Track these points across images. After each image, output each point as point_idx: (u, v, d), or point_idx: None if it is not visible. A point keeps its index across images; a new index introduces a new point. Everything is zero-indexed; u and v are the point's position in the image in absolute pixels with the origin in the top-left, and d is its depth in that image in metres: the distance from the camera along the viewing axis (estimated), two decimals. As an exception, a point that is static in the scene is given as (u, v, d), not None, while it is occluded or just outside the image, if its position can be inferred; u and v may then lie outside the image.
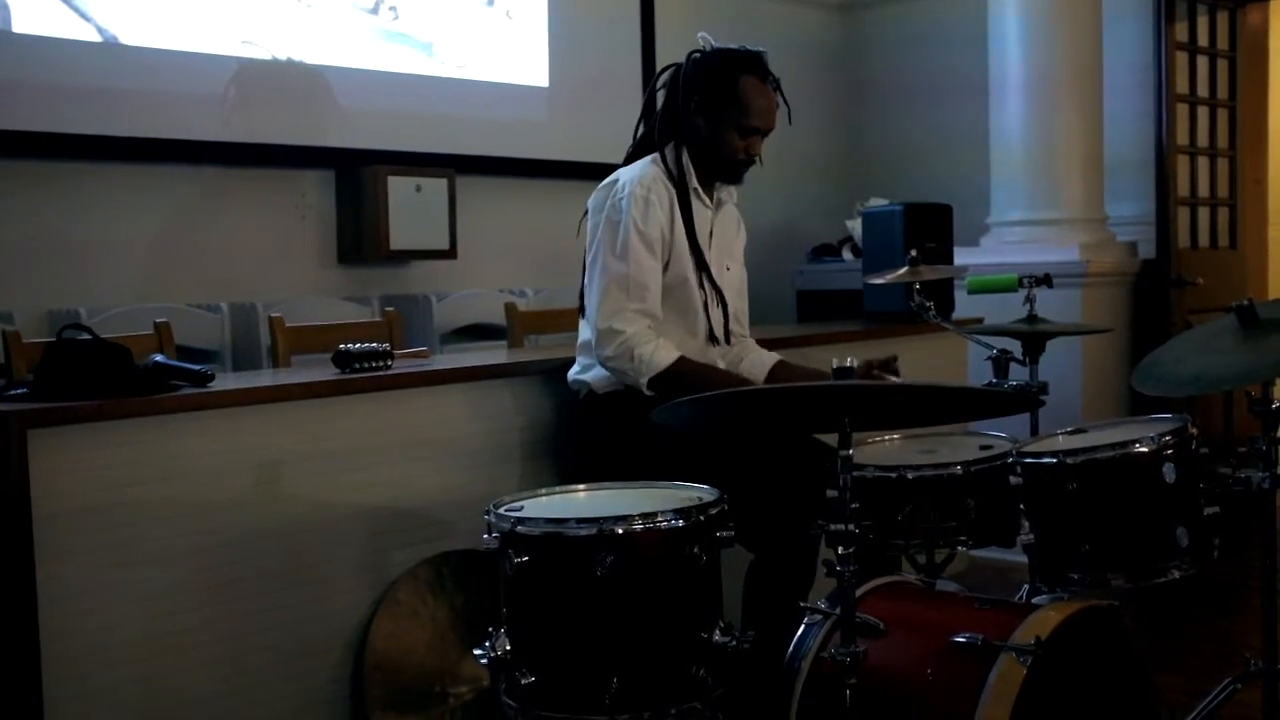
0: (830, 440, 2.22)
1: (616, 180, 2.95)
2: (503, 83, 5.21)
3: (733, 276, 3.10)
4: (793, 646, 2.37)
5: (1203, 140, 5.75)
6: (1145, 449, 2.55)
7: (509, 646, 2.15)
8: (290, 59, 4.58)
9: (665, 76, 3.06)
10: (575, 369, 3.03)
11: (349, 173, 4.70)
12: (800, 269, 5.87)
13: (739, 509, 2.28)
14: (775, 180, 4.02)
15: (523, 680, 2.13)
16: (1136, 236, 5.48)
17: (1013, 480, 2.61)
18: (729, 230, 3.12)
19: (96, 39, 4.13)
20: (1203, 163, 5.76)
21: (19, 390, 2.50)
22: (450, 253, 4.84)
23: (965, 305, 4.29)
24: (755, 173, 3.06)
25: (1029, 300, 3.25)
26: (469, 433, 3.03)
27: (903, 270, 3.28)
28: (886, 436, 3.09)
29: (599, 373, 2.94)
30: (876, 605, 2.38)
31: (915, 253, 3.31)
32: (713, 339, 3.01)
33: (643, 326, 2.84)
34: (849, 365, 2.07)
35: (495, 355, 3.83)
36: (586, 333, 2.94)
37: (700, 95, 2.94)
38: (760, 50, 2.97)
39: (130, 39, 4.19)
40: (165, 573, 2.50)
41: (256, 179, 4.54)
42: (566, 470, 3.08)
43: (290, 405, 2.74)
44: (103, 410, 2.42)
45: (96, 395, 2.45)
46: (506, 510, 2.22)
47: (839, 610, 2.16)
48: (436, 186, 4.79)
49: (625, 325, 2.83)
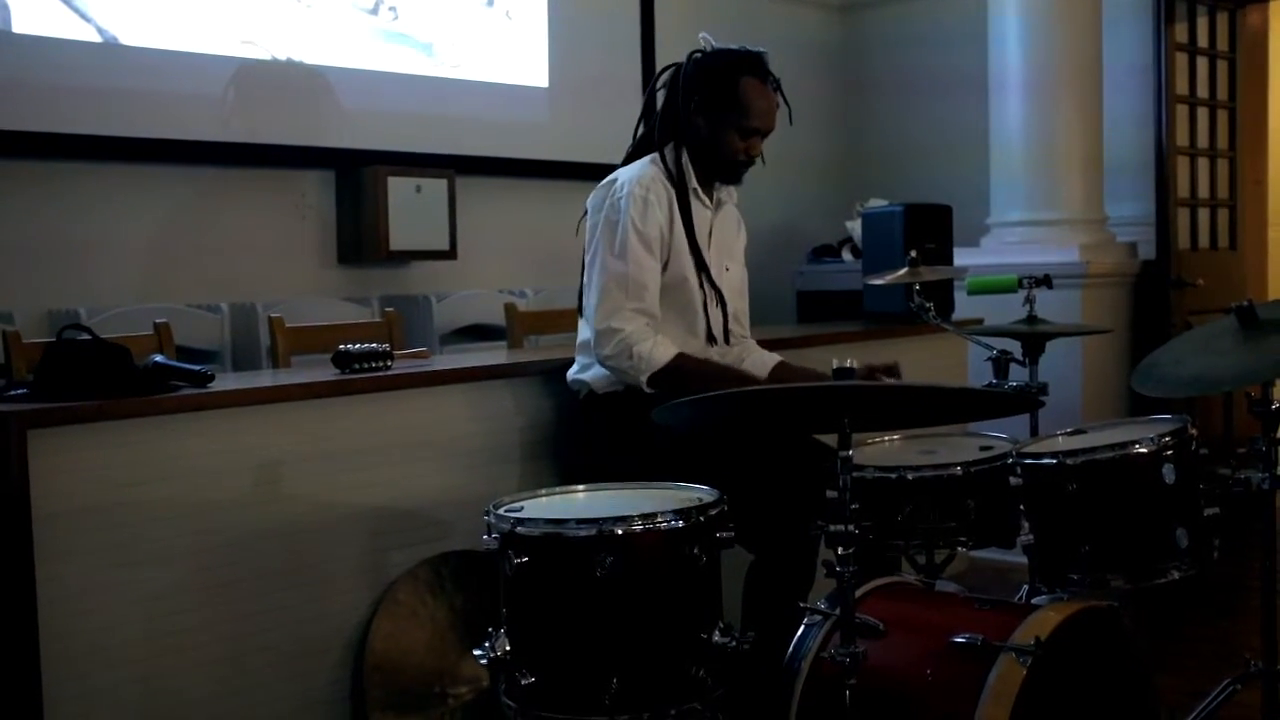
0: (830, 441, 2.22)
1: (615, 180, 2.95)
2: (502, 83, 5.21)
3: (732, 277, 3.10)
4: (792, 647, 2.36)
5: (1203, 141, 5.75)
6: (1145, 450, 2.55)
7: (508, 647, 2.15)
8: (290, 59, 4.58)
9: (665, 76, 3.05)
10: (575, 369, 3.03)
11: (349, 173, 4.71)
12: (800, 269, 5.86)
13: (739, 509, 2.28)
14: (775, 181, 4.01)
15: (522, 681, 2.13)
16: (1136, 237, 5.48)
17: (1012, 481, 2.62)
18: (729, 231, 3.12)
19: (96, 39, 4.13)
20: (1202, 164, 5.76)
21: (19, 390, 2.50)
22: (450, 253, 4.85)
23: (965, 306, 4.29)
24: (755, 173, 3.06)
25: (1029, 301, 3.25)
26: (469, 433, 3.03)
27: (902, 271, 3.28)
28: (886, 437, 3.09)
29: (598, 373, 2.94)
30: (876, 606, 2.38)
31: (915, 253, 3.31)
32: (711, 339, 3.01)
33: (641, 325, 2.84)
34: (848, 366, 2.07)
35: (495, 356, 3.83)
36: (586, 332, 2.94)
37: (700, 96, 2.94)
38: (761, 51, 2.97)
39: (130, 39, 4.19)
40: (165, 573, 2.50)
41: (256, 179, 4.54)
42: (566, 471, 3.08)
43: (290, 406, 2.74)
44: (102, 410, 2.42)
45: (96, 395, 2.44)
46: (506, 511, 2.23)
47: (839, 611, 2.16)
48: (436, 187, 4.79)
49: (624, 324, 2.83)
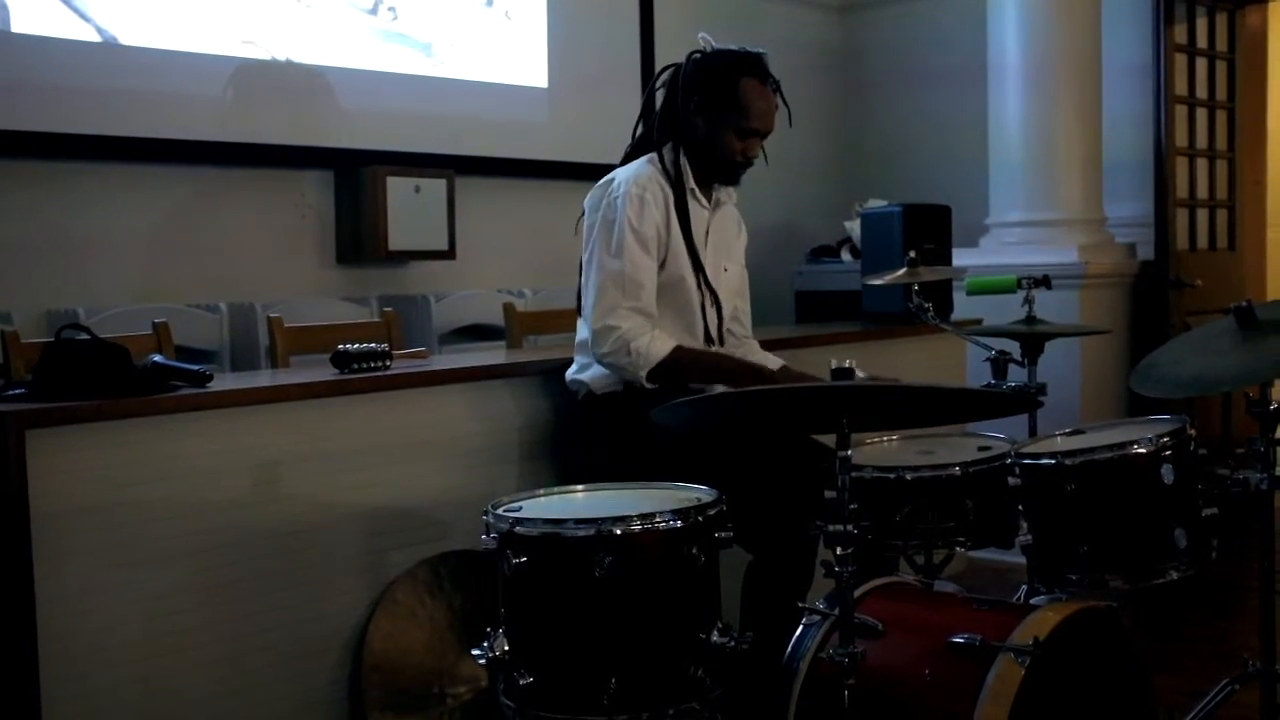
0: (829, 441, 2.22)
1: (613, 180, 2.95)
2: (502, 83, 5.21)
3: (730, 277, 3.09)
4: (791, 647, 2.37)
5: (1201, 142, 5.75)
6: (1143, 450, 2.56)
7: (507, 647, 2.15)
8: (289, 59, 4.58)
9: (665, 76, 3.05)
10: (573, 369, 3.03)
11: (348, 173, 4.70)
12: (799, 270, 5.86)
13: (737, 510, 2.27)
14: (774, 181, 4.01)
15: (521, 681, 2.13)
16: (1135, 238, 5.48)
17: (1011, 481, 2.62)
18: (728, 231, 3.11)
19: (96, 39, 4.13)
20: (1201, 164, 5.76)
21: (17, 390, 2.50)
22: (449, 253, 4.84)
23: (964, 306, 4.30)
24: (754, 173, 3.05)
25: (1027, 301, 3.25)
26: (467, 433, 3.03)
27: (901, 271, 3.28)
28: (885, 437, 3.09)
29: (597, 372, 2.94)
30: (875, 606, 2.38)
31: (914, 254, 3.31)
32: (710, 339, 3.01)
33: (639, 321, 2.84)
34: (847, 366, 2.07)
35: (494, 356, 3.83)
36: (584, 332, 2.94)
37: (700, 96, 2.94)
38: (760, 52, 2.97)
39: (129, 39, 4.19)
40: (164, 573, 2.50)
41: (255, 179, 4.54)
42: (565, 471, 3.08)
43: (289, 406, 2.74)
44: (101, 410, 2.42)
45: (95, 395, 2.44)
46: (505, 511, 2.23)
47: (837, 611, 2.16)
48: (435, 187, 4.79)
49: (620, 321, 2.83)
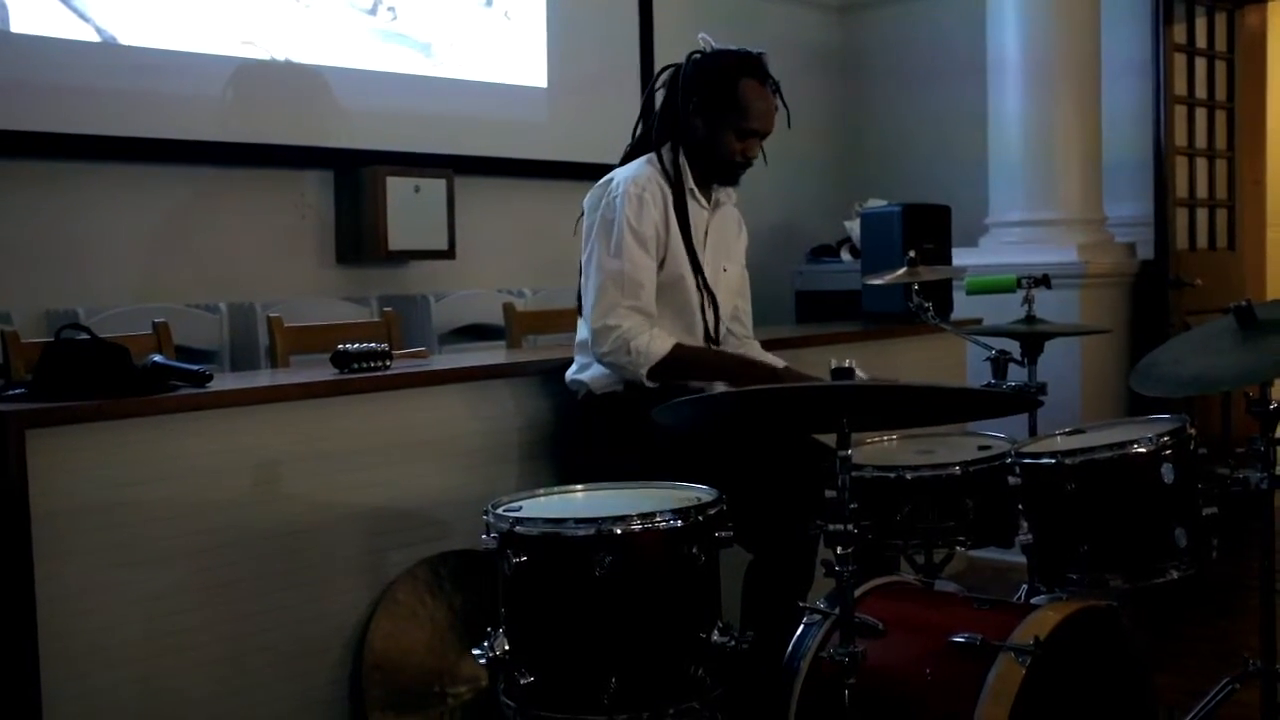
0: (829, 440, 2.22)
1: (611, 180, 2.95)
2: (501, 83, 5.21)
3: (730, 277, 3.09)
4: (791, 646, 2.37)
5: (1201, 141, 5.75)
6: (1143, 449, 2.56)
7: (507, 646, 2.15)
8: (289, 59, 4.58)
9: (665, 77, 3.05)
10: (573, 369, 3.03)
11: (348, 173, 4.70)
12: (799, 269, 5.87)
13: (738, 509, 2.27)
14: (774, 181, 4.02)
15: (521, 680, 2.13)
16: (1135, 237, 5.48)
17: (1011, 481, 2.62)
18: (728, 231, 3.11)
19: (95, 39, 4.12)
20: (1201, 164, 5.76)
21: (17, 390, 2.50)
22: (449, 253, 4.84)
23: (964, 306, 4.30)
24: (754, 173, 3.05)
25: (1027, 301, 3.25)
26: (467, 433, 3.03)
27: (901, 271, 3.28)
28: (885, 437, 3.09)
29: (597, 372, 2.94)
30: (875, 605, 2.38)
31: (914, 253, 3.31)
32: (709, 339, 3.01)
33: (638, 320, 2.84)
34: (847, 366, 2.07)
35: (494, 355, 3.82)
36: (584, 331, 2.94)
37: (699, 96, 2.94)
38: (760, 52, 2.96)
39: (129, 39, 4.19)
40: (164, 573, 2.50)
41: (255, 179, 4.54)
42: (565, 470, 3.08)
43: (289, 405, 2.74)
44: (101, 410, 2.42)
45: (95, 395, 2.44)
46: (505, 510, 2.23)
47: (838, 610, 2.16)
48: (435, 187, 4.79)
49: (620, 320, 2.83)
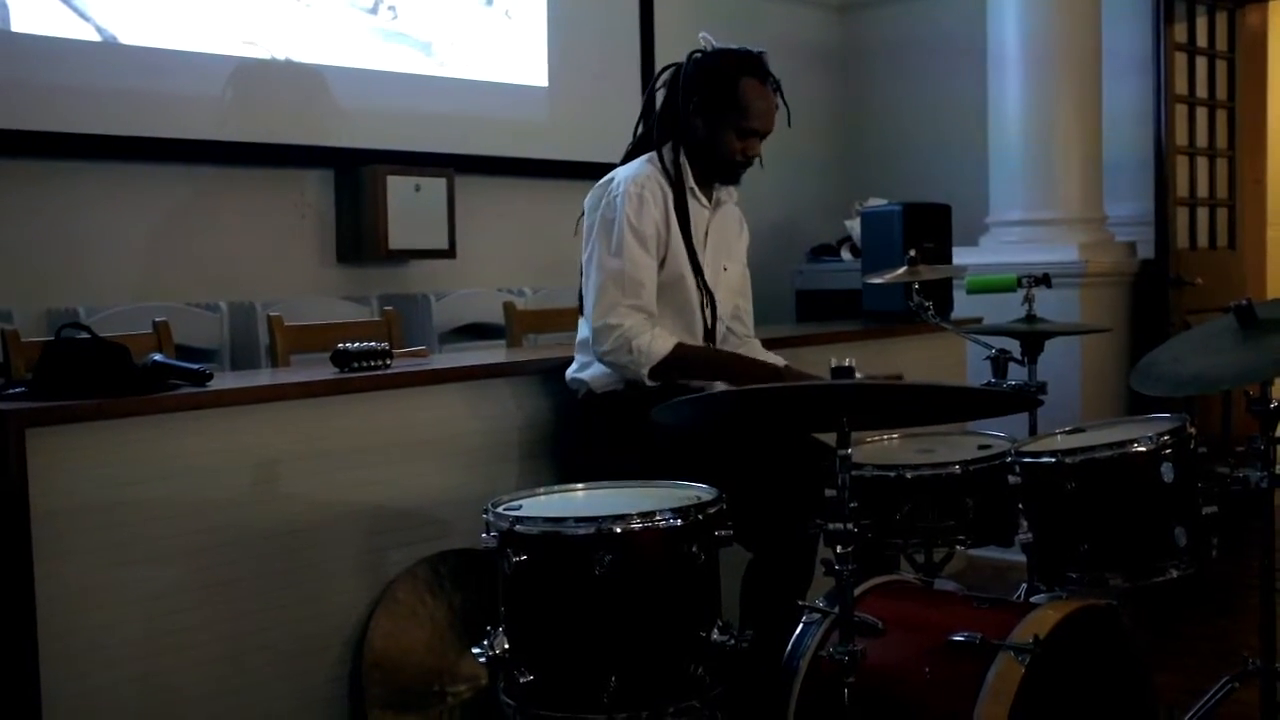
0: (829, 439, 2.22)
1: (612, 179, 2.95)
2: (502, 82, 5.21)
3: (730, 277, 3.09)
4: (791, 645, 2.37)
5: (1202, 141, 5.75)
6: (1143, 448, 2.56)
7: (507, 645, 2.15)
8: (289, 59, 4.58)
9: (665, 76, 3.05)
10: (574, 367, 3.03)
11: (348, 172, 4.70)
12: (799, 269, 5.87)
13: (737, 508, 2.28)
14: (774, 180, 4.02)
15: (521, 679, 2.13)
16: (1135, 237, 5.48)
17: (1011, 480, 2.62)
18: (729, 231, 3.11)
19: (95, 38, 4.13)
20: (1201, 163, 5.76)
21: (17, 389, 2.50)
22: (449, 252, 4.85)
23: (964, 305, 4.30)
24: (754, 172, 3.05)
25: (1028, 300, 3.25)
26: (467, 432, 3.03)
27: (901, 270, 3.28)
28: (885, 436, 3.09)
29: (598, 371, 2.94)
30: (875, 604, 2.38)
31: (914, 252, 3.31)
32: (709, 338, 3.01)
33: (639, 320, 2.84)
34: (847, 365, 2.07)
35: (494, 354, 3.83)
36: (585, 330, 2.94)
37: (700, 96, 2.94)
38: (760, 51, 2.96)
39: (129, 38, 4.19)
40: (164, 572, 2.50)
41: (255, 179, 4.54)
42: (565, 469, 3.08)
43: (289, 404, 2.74)
44: (101, 409, 2.42)
45: (95, 394, 2.44)
46: (505, 509, 2.23)
47: (837, 609, 2.16)
48: (435, 186, 4.79)
49: (621, 319, 2.83)
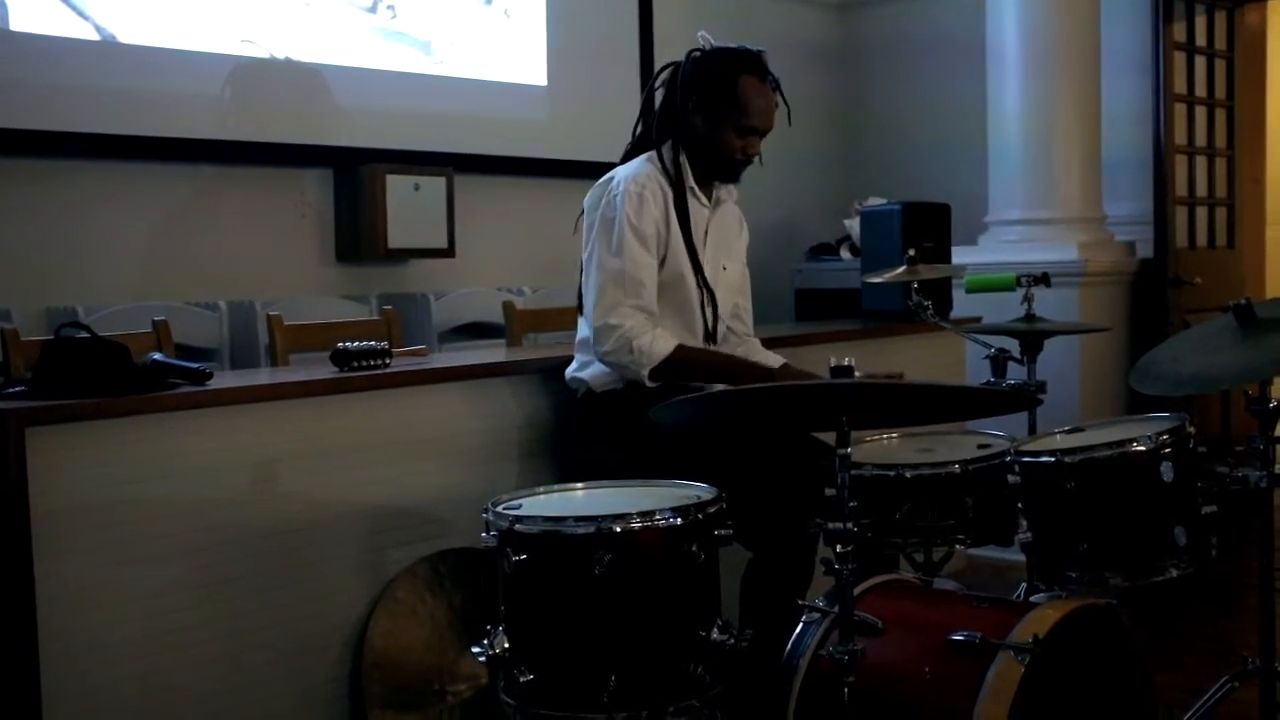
0: (828, 439, 2.22)
1: (612, 178, 2.95)
2: (501, 81, 5.21)
3: (730, 275, 3.09)
4: (791, 644, 2.37)
5: (1201, 140, 5.75)
6: (1143, 448, 2.56)
7: (507, 644, 2.15)
8: (288, 58, 4.58)
9: (664, 75, 3.05)
10: (573, 367, 3.03)
11: (347, 171, 4.70)
12: (798, 268, 5.87)
13: (737, 507, 2.28)
14: (773, 179, 4.01)
15: (521, 678, 2.13)
16: (1134, 236, 5.48)
17: (1010, 479, 2.62)
18: (728, 230, 3.11)
19: (94, 37, 4.12)
20: (1201, 162, 5.76)
21: (17, 388, 2.50)
22: (448, 251, 4.84)
23: (963, 304, 4.30)
24: (753, 171, 3.05)
25: (1027, 299, 3.25)
26: (467, 431, 3.03)
27: (901, 269, 3.28)
28: (884, 435, 3.09)
29: (597, 370, 2.94)
30: (874, 603, 2.38)
31: (913, 252, 3.31)
32: (709, 337, 3.01)
33: (640, 320, 2.84)
34: (847, 364, 2.07)
35: (493, 353, 3.83)
36: (585, 330, 2.94)
37: (699, 94, 2.93)
38: (760, 50, 2.96)
39: (128, 37, 4.19)
40: (164, 571, 2.50)
41: (254, 178, 4.54)
42: (565, 468, 3.08)
43: (288, 404, 2.73)
44: (101, 408, 2.42)
45: (94, 393, 2.44)
46: (504, 508, 2.23)
47: (837, 608, 2.16)
48: (435, 185, 4.79)
49: (622, 319, 2.83)
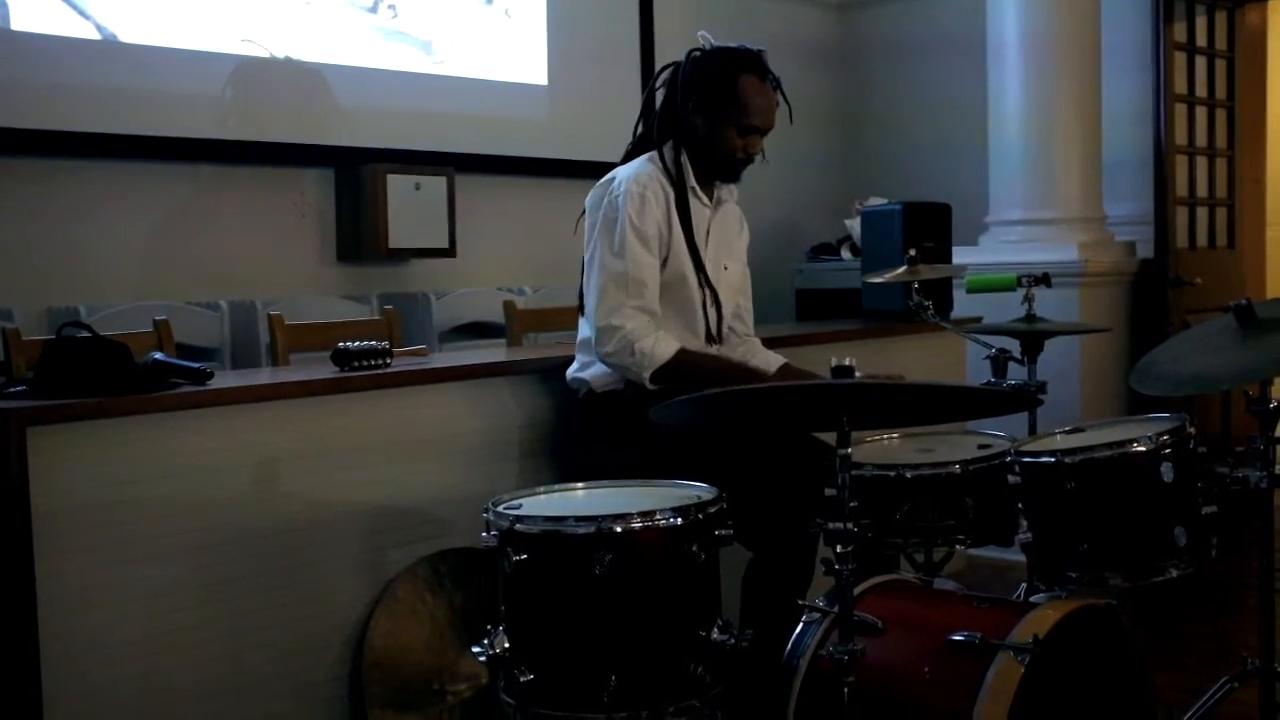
0: (829, 439, 2.23)
1: (613, 179, 2.95)
2: (502, 81, 5.21)
3: (731, 275, 3.09)
4: (791, 644, 2.37)
5: (1201, 140, 5.75)
6: (1143, 448, 2.56)
7: (507, 644, 2.15)
8: (289, 57, 4.58)
9: (665, 75, 3.05)
10: (574, 367, 3.03)
11: (348, 171, 4.70)
12: (799, 268, 5.87)
13: (738, 507, 2.28)
14: (774, 179, 4.02)
15: (521, 678, 2.13)
16: (1135, 236, 5.48)
17: (1011, 479, 2.62)
18: (729, 229, 3.11)
19: (95, 37, 4.13)
20: (1201, 163, 5.76)
21: (18, 388, 2.50)
22: (449, 251, 4.85)
23: (964, 304, 4.30)
24: (754, 171, 3.05)
25: (1027, 299, 3.25)
26: (468, 431, 3.03)
27: (901, 269, 3.28)
28: (885, 435, 3.10)
29: (598, 370, 2.94)
30: (874, 603, 2.39)
31: (914, 252, 3.31)
32: (711, 338, 3.01)
33: (643, 321, 2.84)
34: (847, 364, 2.07)
35: (494, 353, 3.83)
36: (586, 330, 2.94)
37: (699, 94, 2.93)
38: (760, 49, 2.96)
39: (129, 37, 4.19)
40: (164, 570, 2.50)
41: (255, 177, 4.54)
42: (565, 468, 3.08)
43: (289, 403, 2.73)
44: (102, 408, 2.42)
45: (96, 393, 2.44)
46: (505, 508, 2.23)
47: (837, 608, 2.16)
48: (435, 185, 4.79)
49: (624, 321, 2.83)
